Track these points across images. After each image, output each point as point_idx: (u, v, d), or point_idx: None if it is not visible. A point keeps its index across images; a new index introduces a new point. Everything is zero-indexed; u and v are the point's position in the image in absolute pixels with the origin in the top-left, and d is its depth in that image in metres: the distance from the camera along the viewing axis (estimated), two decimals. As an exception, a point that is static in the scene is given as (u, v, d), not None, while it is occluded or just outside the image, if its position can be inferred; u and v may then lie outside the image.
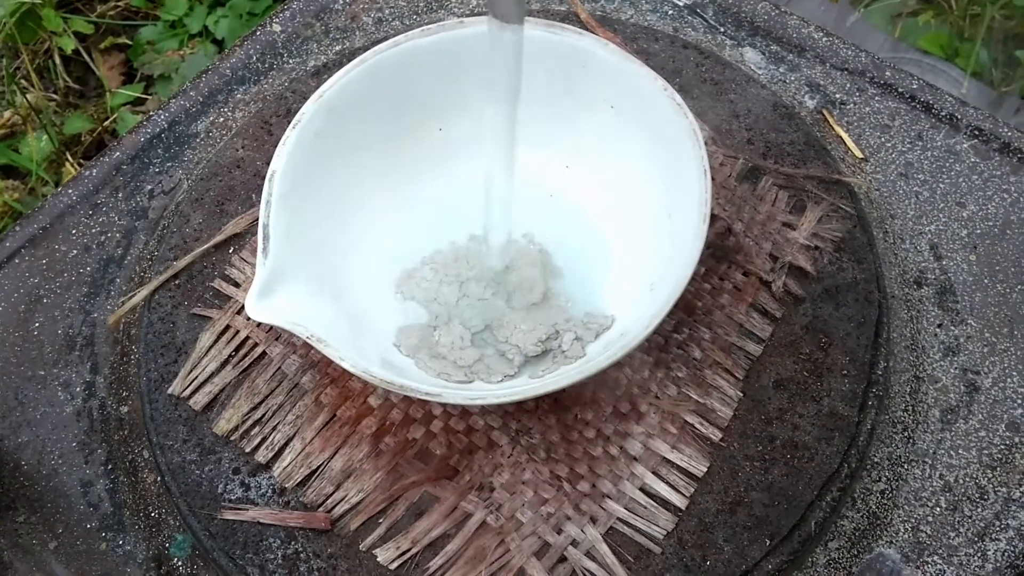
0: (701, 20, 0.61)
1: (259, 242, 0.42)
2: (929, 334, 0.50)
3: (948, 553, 0.44)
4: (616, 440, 0.45)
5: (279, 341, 0.48)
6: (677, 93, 0.45)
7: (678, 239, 0.43)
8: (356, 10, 0.62)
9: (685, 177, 0.43)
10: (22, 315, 0.52)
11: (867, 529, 0.45)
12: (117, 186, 0.56)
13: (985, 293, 0.51)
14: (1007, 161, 0.54)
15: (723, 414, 0.45)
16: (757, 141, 0.53)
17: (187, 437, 0.46)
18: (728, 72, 0.56)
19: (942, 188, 0.54)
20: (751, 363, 0.47)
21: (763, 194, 0.52)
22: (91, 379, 0.50)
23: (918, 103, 0.56)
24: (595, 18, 0.59)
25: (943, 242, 0.52)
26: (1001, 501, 0.45)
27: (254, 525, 0.44)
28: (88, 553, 0.46)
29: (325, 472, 0.45)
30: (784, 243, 0.50)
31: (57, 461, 0.48)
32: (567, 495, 0.44)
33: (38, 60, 0.87)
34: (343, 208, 0.48)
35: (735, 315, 0.48)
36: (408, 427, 0.46)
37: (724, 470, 0.44)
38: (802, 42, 0.59)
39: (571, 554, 0.43)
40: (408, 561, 0.43)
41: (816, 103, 0.57)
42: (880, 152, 0.55)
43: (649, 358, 0.47)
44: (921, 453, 0.47)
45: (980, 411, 0.47)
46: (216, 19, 0.88)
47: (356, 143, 0.48)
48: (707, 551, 0.42)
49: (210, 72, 0.60)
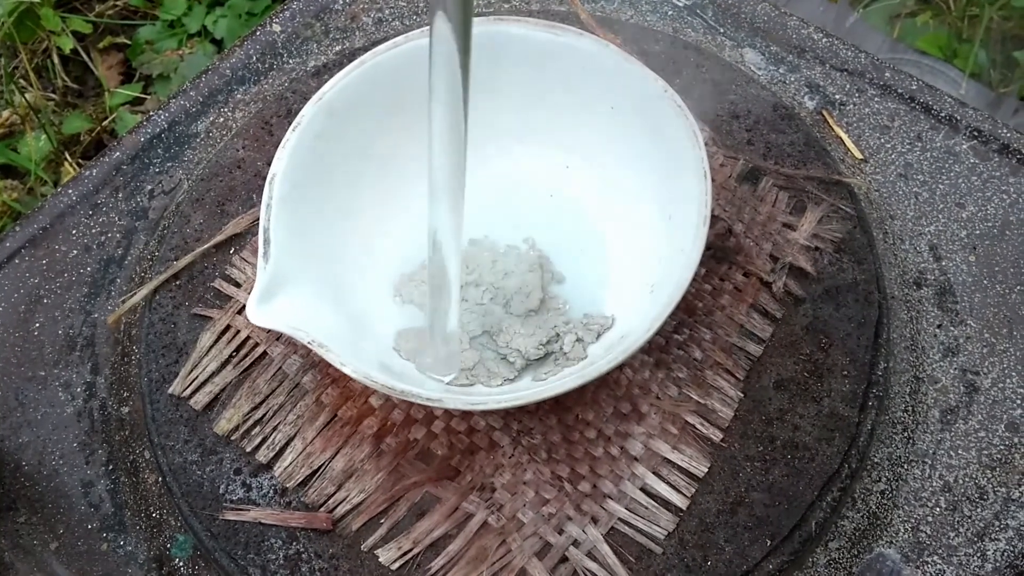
0: (701, 21, 0.61)
1: (260, 246, 0.42)
2: (929, 335, 0.50)
3: (948, 553, 0.44)
4: (617, 440, 0.45)
5: (280, 341, 0.48)
6: (677, 94, 0.45)
7: (678, 240, 0.43)
8: (356, 10, 0.62)
9: (685, 178, 0.43)
10: (22, 315, 0.52)
11: (867, 529, 0.45)
12: (117, 186, 0.56)
13: (984, 294, 0.51)
14: (1006, 162, 0.54)
15: (724, 414, 0.46)
16: (757, 142, 0.53)
17: (188, 437, 0.46)
18: (728, 73, 0.56)
19: (942, 189, 0.54)
20: (752, 364, 0.47)
21: (763, 195, 0.52)
22: (92, 379, 0.50)
23: (918, 104, 0.56)
24: (595, 19, 0.59)
25: (943, 243, 0.52)
26: (1000, 501, 0.45)
27: (255, 525, 0.44)
28: (89, 554, 0.46)
29: (326, 472, 0.45)
30: (784, 244, 0.50)
31: (58, 462, 0.48)
32: (568, 495, 0.44)
33: (37, 59, 0.87)
34: (344, 211, 0.48)
35: (736, 316, 0.48)
36: (409, 427, 0.46)
37: (725, 470, 0.44)
38: (802, 43, 0.59)
39: (572, 554, 0.43)
40: (410, 561, 0.43)
41: (816, 104, 0.57)
42: (880, 153, 0.55)
43: (650, 359, 0.47)
44: (921, 453, 0.47)
45: (980, 411, 0.48)
46: (215, 19, 0.88)
47: (356, 145, 0.48)
48: (708, 551, 0.42)
49: (210, 72, 0.60)
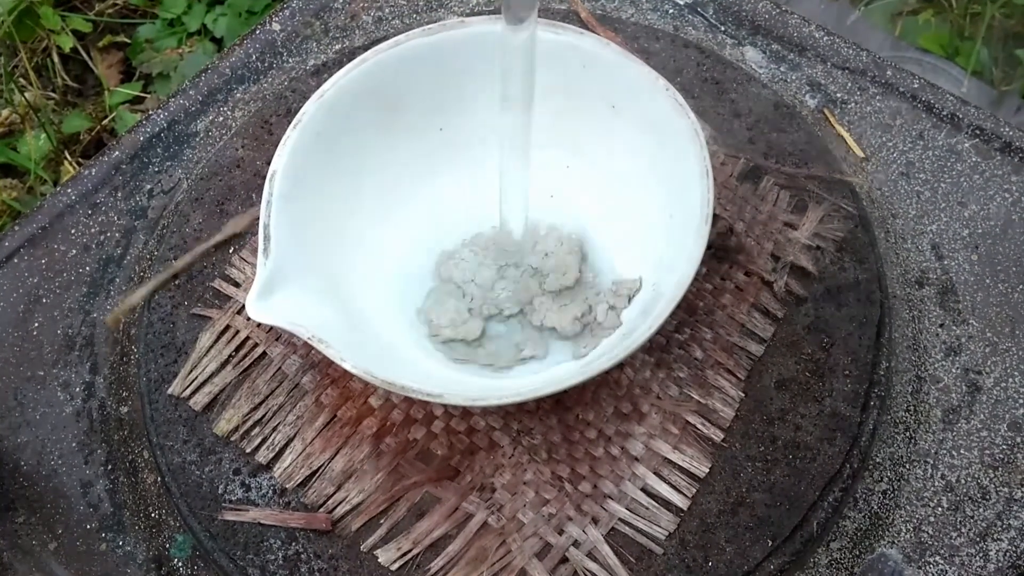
0: (702, 19, 0.60)
1: (260, 242, 0.42)
2: (931, 334, 0.50)
3: (950, 553, 0.44)
4: (618, 441, 0.45)
5: (279, 341, 0.48)
6: (678, 93, 0.44)
7: (680, 239, 0.43)
8: (356, 9, 0.62)
9: (687, 177, 0.43)
10: (21, 315, 0.52)
11: (869, 529, 0.45)
12: (116, 185, 0.56)
13: (987, 293, 0.50)
14: (1008, 161, 0.54)
15: (725, 414, 0.45)
16: (758, 140, 0.53)
17: (187, 437, 0.46)
18: (729, 71, 0.56)
19: (944, 188, 0.54)
20: (753, 363, 0.47)
21: (764, 194, 0.51)
22: (91, 379, 0.50)
23: (919, 102, 0.56)
24: (596, 17, 0.58)
25: (945, 242, 0.52)
26: (1003, 501, 0.45)
27: (255, 526, 0.44)
28: (88, 554, 0.46)
29: (326, 473, 0.45)
30: (786, 243, 0.50)
31: (57, 462, 0.48)
32: (569, 496, 0.44)
33: (36, 58, 0.87)
34: (343, 208, 0.47)
35: (737, 315, 0.48)
36: (409, 428, 0.46)
37: (726, 470, 0.44)
38: (803, 41, 0.59)
39: (573, 555, 0.42)
40: (409, 562, 0.43)
41: (817, 102, 0.57)
42: (881, 151, 0.55)
43: (651, 358, 0.47)
44: (923, 453, 0.47)
45: (982, 411, 0.47)
46: (215, 17, 0.87)
47: (357, 143, 0.48)
48: (709, 552, 0.42)
49: (209, 71, 0.60)
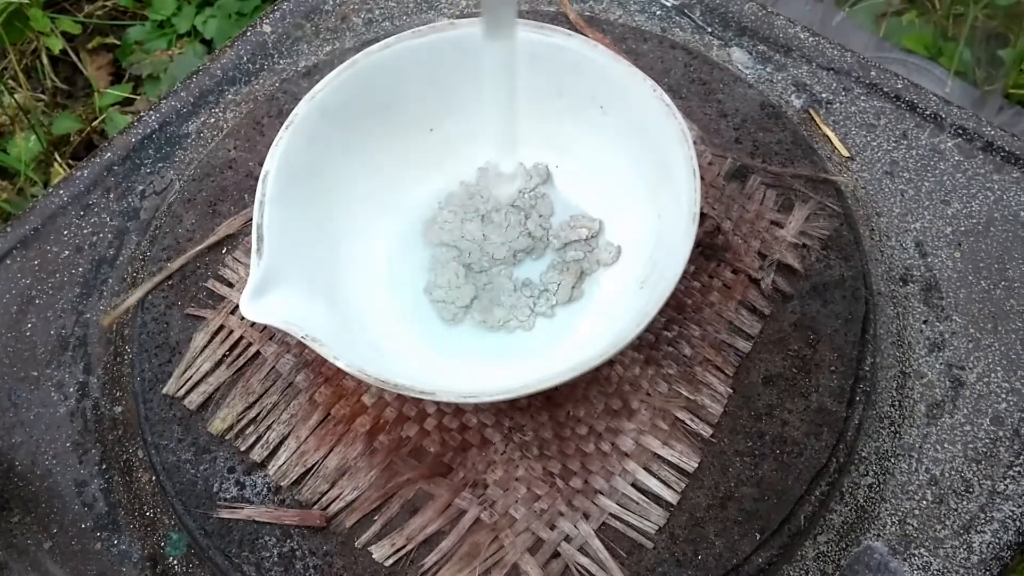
0: (689, 20, 0.61)
1: (253, 242, 0.42)
2: (915, 330, 0.50)
3: (934, 545, 0.45)
4: (608, 437, 0.45)
5: (273, 341, 0.49)
6: (666, 93, 0.45)
7: (668, 238, 0.43)
8: (346, 11, 0.63)
9: (674, 176, 0.43)
10: (14, 316, 0.52)
11: (855, 522, 0.46)
12: (108, 187, 0.56)
13: (969, 290, 0.51)
14: (990, 159, 0.55)
15: (713, 410, 0.46)
16: (745, 140, 0.54)
17: (182, 436, 0.46)
18: (716, 72, 0.56)
19: (927, 186, 0.54)
20: (740, 360, 0.47)
21: (751, 193, 0.52)
22: (84, 379, 0.50)
23: (903, 102, 0.57)
24: (584, 19, 0.59)
25: (928, 239, 0.53)
26: (986, 494, 0.46)
27: (249, 523, 0.44)
28: (83, 553, 0.46)
29: (320, 470, 0.45)
30: (772, 241, 0.50)
31: (51, 461, 0.48)
32: (560, 491, 0.44)
33: (26, 60, 0.87)
34: (336, 208, 0.48)
35: (725, 312, 0.48)
36: (402, 425, 0.46)
37: (715, 465, 0.45)
38: (788, 42, 0.60)
39: (564, 550, 0.43)
40: (403, 558, 0.43)
41: (803, 102, 0.58)
42: (866, 151, 0.56)
43: (640, 355, 0.47)
44: (907, 447, 0.47)
45: (965, 406, 0.48)
46: (204, 19, 0.88)
47: (348, 144, 0.48)
48: (698, 545, 0.43)
49: (200, 73, 0.60)
